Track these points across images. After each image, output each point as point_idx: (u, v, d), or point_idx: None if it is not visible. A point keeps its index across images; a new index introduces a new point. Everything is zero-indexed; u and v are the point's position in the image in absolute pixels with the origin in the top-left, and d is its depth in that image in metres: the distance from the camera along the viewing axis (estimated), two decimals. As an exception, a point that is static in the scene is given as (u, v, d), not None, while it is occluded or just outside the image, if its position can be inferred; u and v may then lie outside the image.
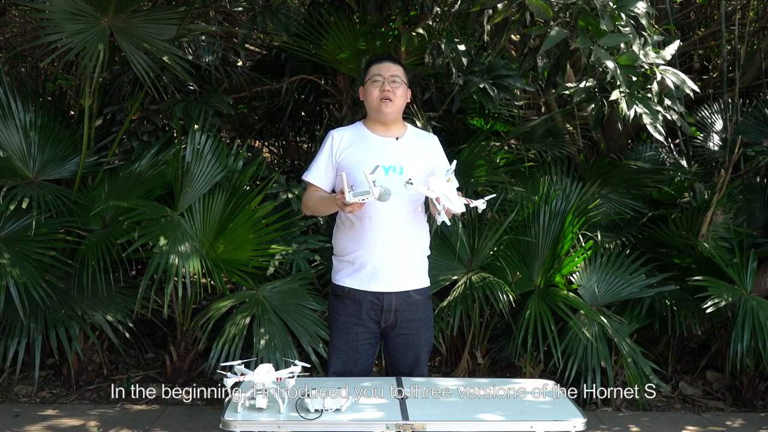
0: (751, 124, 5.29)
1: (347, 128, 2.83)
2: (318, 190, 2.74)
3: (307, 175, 2.78)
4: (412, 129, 2.84)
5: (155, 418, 3.80)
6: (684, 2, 6.81)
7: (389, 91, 2.68)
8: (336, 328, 2.76)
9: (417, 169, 2.67)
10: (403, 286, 2.71)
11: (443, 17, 4.00)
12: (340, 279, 2.75)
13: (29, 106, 4.15)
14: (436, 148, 2.84)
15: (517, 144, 4.82)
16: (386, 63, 2.75)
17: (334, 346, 2.77)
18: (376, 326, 2.73)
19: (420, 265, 2.78)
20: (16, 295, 3.63)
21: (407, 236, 2.70)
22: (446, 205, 2.48)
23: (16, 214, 3.86)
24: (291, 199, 4.07)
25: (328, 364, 2.81)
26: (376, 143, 2.72)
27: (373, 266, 2.67)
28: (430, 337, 2.84)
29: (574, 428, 2.17)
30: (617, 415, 4.07)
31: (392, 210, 2.60)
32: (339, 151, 2.72)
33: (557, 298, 3.99)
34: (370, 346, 2.76)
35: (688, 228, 4.36)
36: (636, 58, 3.02)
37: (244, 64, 5.38)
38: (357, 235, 2.67)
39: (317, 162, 2.76)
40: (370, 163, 2.62)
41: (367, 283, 2.69)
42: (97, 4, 3.80)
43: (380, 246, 2.65)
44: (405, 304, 2.72)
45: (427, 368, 2.84)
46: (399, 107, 2.74)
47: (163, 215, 3.79)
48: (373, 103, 2.71)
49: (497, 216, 4.31)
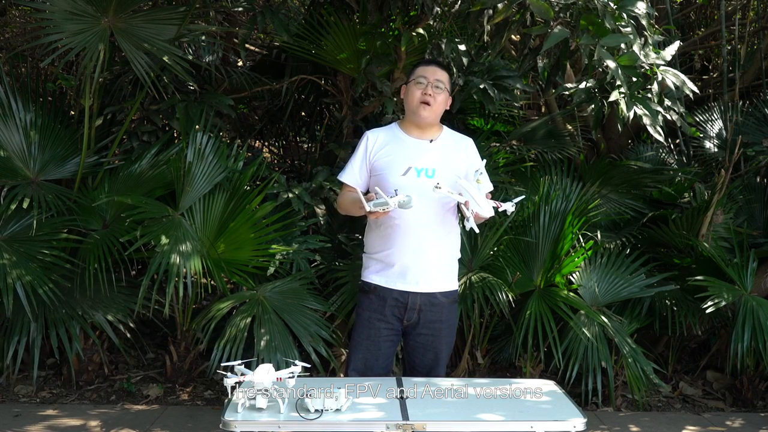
0: (751, 124, 5.29)
1: (382, 129, 2.85)
2: (352, 190, 2.74)
3: (342, 176, 2.81)
4: (447, 131, 2.85)
5: (155, 418, 3.80)
6: (684, 2, 6.82)
7: (430, 95, 2.70)
8: (359, 323, 2.80)
9: (449, 172, 2.69)
10: (429, 287, 2.73)
11: (443, 17, 4.00)
12: (368, 275, 2.78)
13: (29, 106, 4.15)
14: (470, 150, 2.85)
15: (518, 145, 4.83)
16: (433, 67, 2.77)
17: (356, 341, 2.80)
18: (399, 324, 2.76)
19: (448, 267, 2.80)
20: (23, 294, 3.63)
21: (436, 238, 2.72)
22: (475, 210, 2.48)
23: (17, 214, 3.86)
24: (291, 199, 4.07)
25: (348, 359, 2.84)
26: (410, 145, 2.74)
27: (401, 265, 2.70)
28: (451, 340, 2.86)
29: (574, 428, 2.17)
30: (617, 415, 4.08)
31: (422, 212, 2.62)
32: (373, 152, 2.75)
33: (557, 298, 3.99)
34: (392, 344, 2.79)
35: (688, 228, 4.36)
36: (636, 59, 3.02)
37: (245, 64, 5.38)
38: (387, 235, 2.70)
39: (352, 162, 2.79)
40: (403, 165, 2.65)
41: (394, 282, 2.72)
42: (98, 4, 3.80)
43: (410, 246, 2.68)
44: (429, 305, 2.73)
45: (444, 370, 2.87)
46: (437, 113, 2.76)
47: (165, 214, 3.80)
48: (413, 104, 2.73)
49: (497, 216, 4.31)
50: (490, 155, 4.44)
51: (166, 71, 4.07)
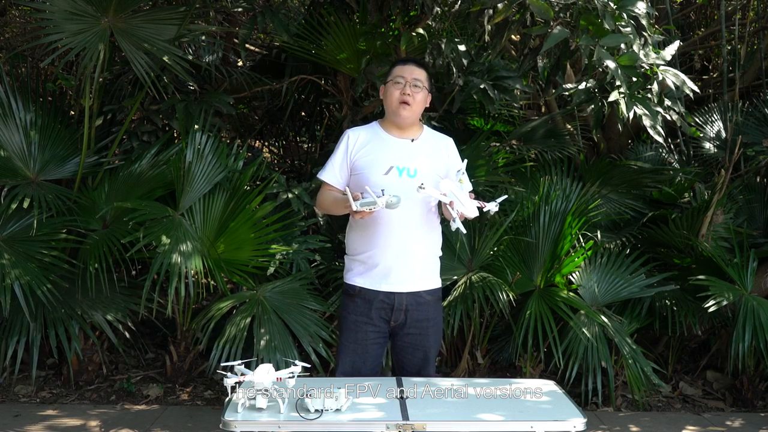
0: (751, 124, 5.29)
1: (363, 128, 2.83)
2: (332, 189, 2.74)
3: (321, 174, 2.78)
4: (428, 131, 2.84)
5: (155, 418, 3.80)
6: (684, 2, 6.82)
7: (409, 95, 2.68)
8: (346, 326, 2.77)
9: (431, 172, 2.68)
10: (414, 286, 2.72)
11: (443, 17, 4.00)
12: (352, 278, 2.76)
13: (30, 106, 4.15)
14: (451, 150, 2.84)
15: (518, 145, 4.82)
16: (410, 66, 2.75)
17: (343, 345, 2.78)
18: (386, 325, 2.74)
19: (431, 265, 2.79)
20: (21, 295, 3.63)
21: (419, 237, 2.71)
22: (459, 210, 2.47)
23: (18, 214, 3.86)
24: (291, 199, 4.07)
25: (336, 363, 2.82)
26: (391, 144, 2.73)
27: (384, 266, 2.68)
28: (438, 337, 2.85)
29: (574, 428, 2.17)
30: (617, 415, 4.08)
31: (405, 211, 2.60)
32: (354, 151, 2.73)
33: (557, 298, 3.99)
34: (379, 346, 2.77)
35: (689, 228, 4.36)
36: (636, 59, 3.02)
37: (245, 64, 5.38)
38: (370, 235, 2.68)
39: (332, 161, 2.76)
40: (384, 164, 2.63)
41: (379, 283, 2.70)
42: (98, 4, 3.80)
43: (392, 246, 2.66)
44: (415, 304, 2.72)
45: (434, 368, 2.85)
46: (417, 112, 2.74)
47: (165, 215, 3.80)
48: (392, 105, 2.71)
49: (497, 216, 4.30)
50: (490, 155, 4.44)
51: (166, 71, 4.07)
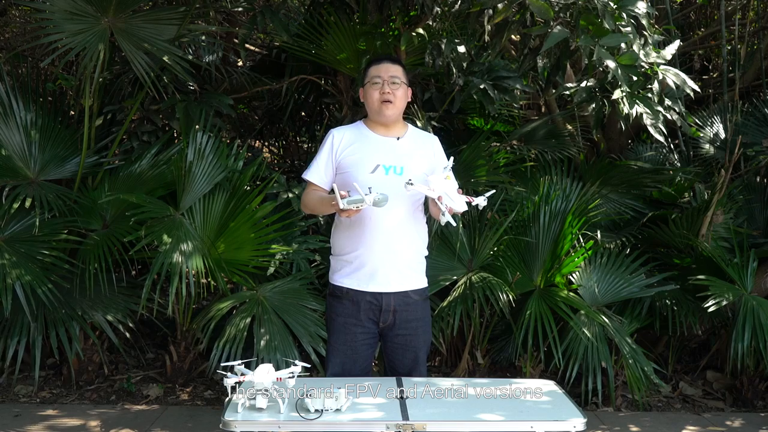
0: (751, 124, 5.29)
1: (348, 127, 2.82)
2: (318, 189, 2.73)
3: (306, 174, 2.77)
4: (412, 129, 2.83)
5: (155, 418, 3.80)
6: (684, 2, 6.81)
7: (389, 93, 2.67)
8: (335, 329, 2.75)
9: (417, 169, 2.67)
10: (401, 286, 2.70)
11: (443, 17, 4.00)
12: (338, 279, 2.73)
13: (30, 106, 4.15)
14: (436, 148, 2.84)
15: (518, 145, 4.83)
16: (385, 64, 2.73)
17: (332, 347, 2.76)
18: (375, 327, 2.72)
19: (418, 265, 2.77)
20: (22, 295, 3.63)
21: (406, 236, 2.69)
22: (448, 204, 2.47)
23: (18, 214, 3.86)
24: (291, 199, 4.07)
25: (327, 364, 2.80)
26: (376, 143, 2.72)
27: (371, 266, 2.66)
28: (428, 337, 2.84)
29: (574, 428, 2.17)
30: (617, 415, 4.07)
31: (392, 210, 2.58)
32: (339, 150, 2.71)
33: (557, 298, 3.99)
34: (369, 347, 2.75)
35: (688, 228, 4.36)
36: (637, 58, 3.02)
37: (245, 64, 5.38)
38: (356, 235, 2.66)
39: (317, 161, 2.75)
40: (370, 163, 2.62)
41: (366, 284, 2.68)
42: (98, 4, 3.80)
43: (379, 246, 2.64)
44: (403, 305, 2.71)
45: (425, 368, 2.84)
46: (400, 108, 2.73)
47: (167, 214, 3.80)
48: (374, 105, 2.70)
49: (497, 216, 4.31)
50: (491, 155, 4.44)
51: (166, 71, 4.07)
